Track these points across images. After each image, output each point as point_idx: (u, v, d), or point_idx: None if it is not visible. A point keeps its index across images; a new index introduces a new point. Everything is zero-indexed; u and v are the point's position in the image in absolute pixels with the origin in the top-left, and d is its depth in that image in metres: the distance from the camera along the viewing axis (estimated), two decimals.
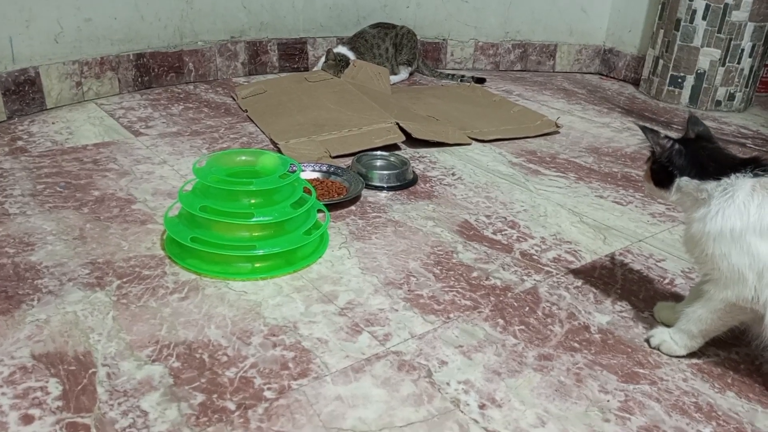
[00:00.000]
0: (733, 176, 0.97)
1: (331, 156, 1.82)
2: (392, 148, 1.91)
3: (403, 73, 2.69)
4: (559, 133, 2.16)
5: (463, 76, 2.77)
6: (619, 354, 1.09)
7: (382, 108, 2.11)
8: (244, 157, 1.38)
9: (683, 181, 1.01)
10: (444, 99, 2.41)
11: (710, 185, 0.98)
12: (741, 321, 1.03)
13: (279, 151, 1.84)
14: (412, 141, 1.96)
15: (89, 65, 2.18)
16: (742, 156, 1.02)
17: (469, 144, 2.01)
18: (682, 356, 1.08)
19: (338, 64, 2.39)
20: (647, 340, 1.11)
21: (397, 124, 1.97)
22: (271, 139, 1.94)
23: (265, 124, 2.05)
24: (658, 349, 1.09)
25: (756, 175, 0.96)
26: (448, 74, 2.78)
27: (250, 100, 2.26)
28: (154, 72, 2.38)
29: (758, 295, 0.95)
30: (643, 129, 1.03)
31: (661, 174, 1.03)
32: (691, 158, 1.01)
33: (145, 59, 2.34)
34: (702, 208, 0.99)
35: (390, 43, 2.60)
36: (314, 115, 2.09)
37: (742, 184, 0.96)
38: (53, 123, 1.98)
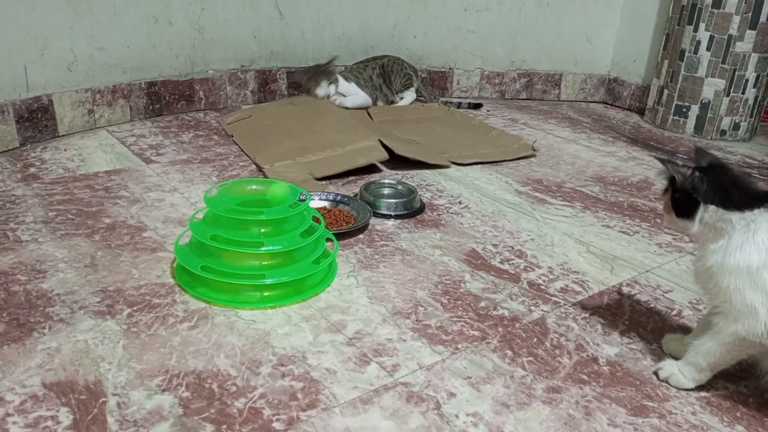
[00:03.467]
0: (756, 211, 0.96)
1: (315, 178, 1.85)
2: (374, 172, 1.93)
3: (408, 97, 2.70)
4: (535, 156, 2.16)
5: (459, 104, 2.79)
6: (628, 387, 1.08)
7: (365, 127, 2.16)
8: (254, 186, 1.39)
9: (709, 210, 0.99)
10: (423, 123, 2.43)
11: (734, 216, 0.97)
12: (750, 354, 1.03)
13: (264, 175, 1.87)
14: (395, 163, 1.99)
15: (101, 93, 2.22)
16: (765, 188, 1.00)
17: (448, 167, 2.03)
18: (691, 389, 1.08)
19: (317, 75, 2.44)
20: (656, 373, 1.11)
21: (380, 141, 2.00)
22: (256, 164, 1.96)
23: (251, 149, 2.09)
24: (667, 382, 1.09)
25: None
26: (447, 102, 2.79)
27: (236, 125, 2.30)
28: (165, 100, 2.41)
29: None
30: (661, 159, 1.03)
31: (685, 203, 1.01)
32: (714, 185, 0.99)
33: (156, 87, 2.37)
34: (721, 240, 0.98)
35: (374, 73, 2.61)
36: (299, 137, 2.11)
37: (763, 221, 0.96)
38: (65, 150, 2.01)
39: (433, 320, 1.24)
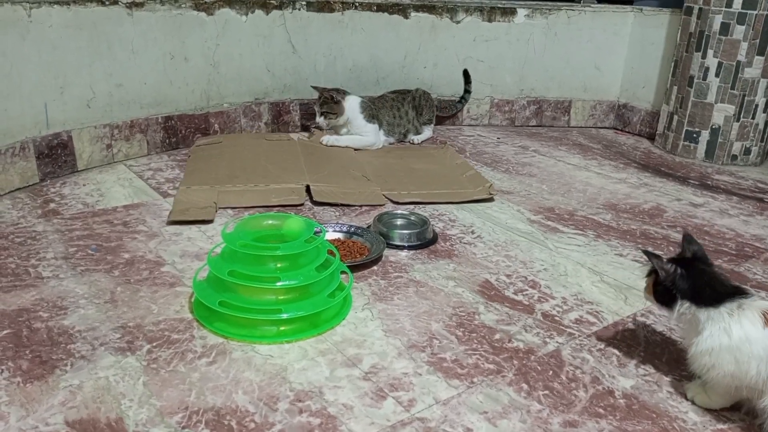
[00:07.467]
0: (722, 307, 1.05)
1: (216, 208, 1.88)
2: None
3: (427, 132, 2.74)
4: (493, 200, 2.06)
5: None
6: (645, 420, 1.08)
7: (310, 169, 2.17)
8: (270, 221, 1.42)
9: (685, 306, 1.09)
10: (403, 159, 2.41)
11: (703, 315, 1.06)
12: None
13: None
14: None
15: (119, 128, 2.27)
16: (731, 284, 1.10)
17: (382, 204, 1.98)
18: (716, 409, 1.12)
19: (331, 99, 2.46)
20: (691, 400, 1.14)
21: (308, 186, 2.03)
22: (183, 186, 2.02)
23: (190, 170, 2.16)
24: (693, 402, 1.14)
25: (736, 302, 1.06)
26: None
27: (200, 148, 2.37)
28: (182, 133, 2.46)
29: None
30: (647, 253, 1.13)
31: (665, 295, 1.12)
32: (692, 282, 1.09)
33: (173, 121, 2.43)
34: (696, 337, 1.07)
35: (409, 107, 2.66)
36: (239, 168, 2.16)
37: (723, 316, 1.05)
38: (84, 185, 2.05)
39: (448, 353, 1.25)
